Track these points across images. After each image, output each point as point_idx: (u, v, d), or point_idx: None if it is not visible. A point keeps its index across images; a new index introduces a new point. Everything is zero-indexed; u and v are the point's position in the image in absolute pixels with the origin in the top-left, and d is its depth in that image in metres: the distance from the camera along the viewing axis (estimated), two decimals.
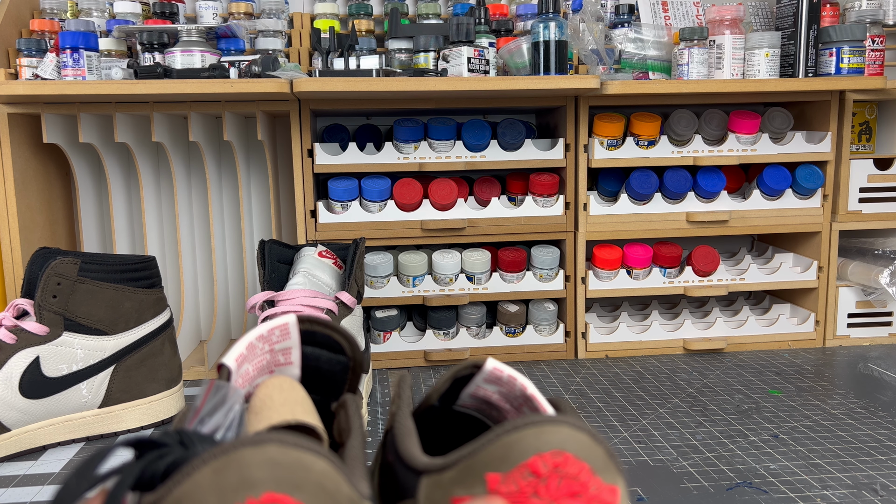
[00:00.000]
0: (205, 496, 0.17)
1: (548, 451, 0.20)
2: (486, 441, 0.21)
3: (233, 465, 0.18)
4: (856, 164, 0.75)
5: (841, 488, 0.44)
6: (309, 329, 0.27)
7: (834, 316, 0.76)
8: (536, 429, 0.21)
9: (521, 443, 0.21)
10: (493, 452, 0.21)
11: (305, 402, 0.25)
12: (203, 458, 0.18)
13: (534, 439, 0.21)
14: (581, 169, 0.72)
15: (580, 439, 0.21)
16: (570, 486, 0.20)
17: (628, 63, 0.76)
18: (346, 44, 0.68)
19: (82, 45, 0.66)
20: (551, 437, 0.21)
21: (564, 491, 0.20)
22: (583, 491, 0.20)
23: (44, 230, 0.72)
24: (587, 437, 0.21)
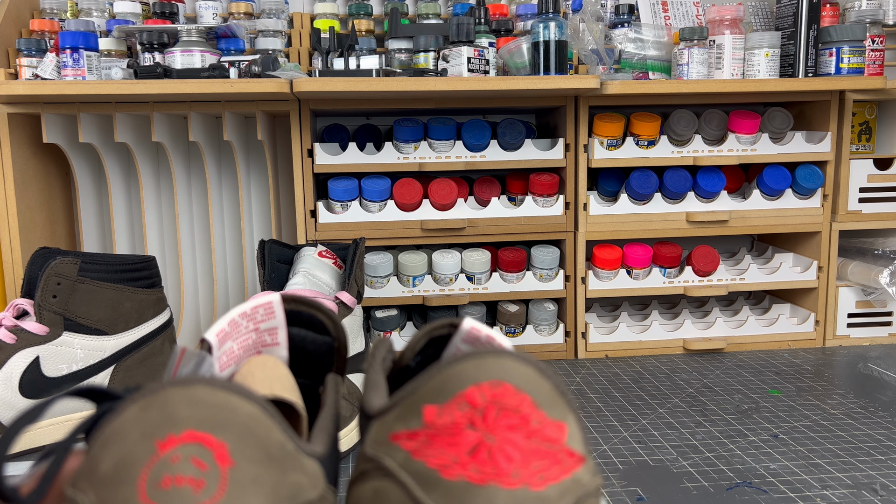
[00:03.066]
0: (129, 432, 0.18)
1: (486, 382, 0.19)
2: (428, 375, 0.20)
3: (157, 404, 0.18)
4: (856, 164, 0.75)
5: (841, 488, 0.44)
6: (294, 309, 0.27)
7: (834, 316, 0.76)
8: (476, 360, 0.20)
9: (459, 374, 0.20)
10: (432, 385, 0.20)
11: (287, 379, 0.25)
12: (133, 398, 0.18)
13: (472, 370, 0.20)
14: (581, 169, 0.72)
15: (523, 371, 0.20)
16: (508, 418, 0.19)
17: (628, 63, 0.76)
18: (346, 44, 0.68)
19: (82, 45, 0.66)
20: (491, 368, 0.20)
21: (502, 423, 0.19)
22: (523, 424, 0.19)
23: (44, 230, 0.72)
24: (531, 369, 0.20)
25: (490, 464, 0.18)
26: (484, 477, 0.18)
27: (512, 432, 0.19)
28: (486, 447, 0.18)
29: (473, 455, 0.18)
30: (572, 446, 0.19)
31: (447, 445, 0.18)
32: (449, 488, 0.18)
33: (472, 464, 0.18)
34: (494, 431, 0.19)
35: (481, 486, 0.18)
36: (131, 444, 0.17)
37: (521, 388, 0.19)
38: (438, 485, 0.18)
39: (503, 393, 0.19)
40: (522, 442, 0.18)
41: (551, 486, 0.18)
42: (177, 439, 0.17)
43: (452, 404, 0.19)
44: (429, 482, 0.18)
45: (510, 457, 0.18)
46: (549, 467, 0.18)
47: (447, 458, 0.18)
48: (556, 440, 0.19)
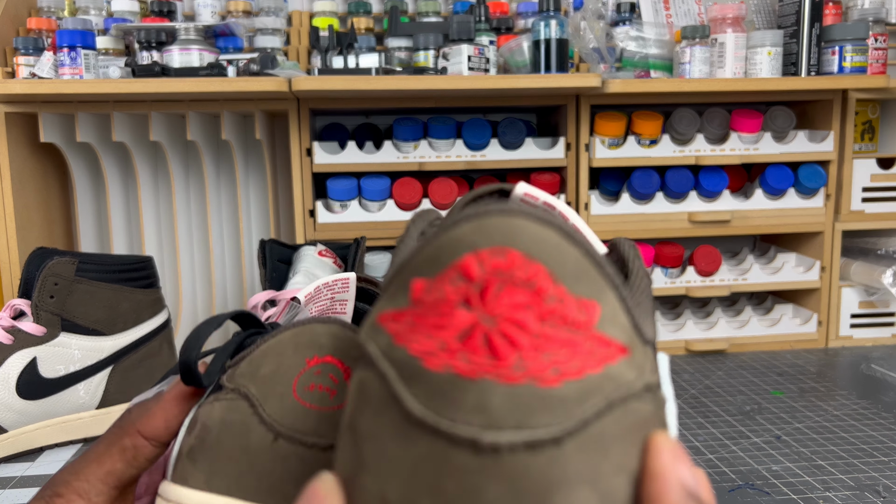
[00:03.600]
0: (285, 348, 0.23)
1: (487, 248, 0.14)
2: (423, 242, 0.16)
3: (307, 332, 0.24)
4: (859, 164, 0.74)
5: (843, 490, 0.43)
6: (363, 287, 0.32)
7: (837, 316, 0.75)
8: (476, 221, 0.15)
9: (454, 240, 0.15)
10: (425, 254, 0.15)
11: None
12: (286, 327, 0.24)
13: (471, 234, 0.15)
14: (582, 168, 0.71)
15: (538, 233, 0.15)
16: (514, 294, 0.14)
17: (630, 61, 0.75)
18: (346, 42, 0.68)
19: (80, 43, 0.66)
20: (494, 231, 0.15)
21: (505, 301, 0.14)
22: (534, 302, 0.14)
23: (41, 230, 0.71)
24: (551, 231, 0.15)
25: (485, 352, 0.14)
26: (476, 368, 0.14)
27: (518, 312, 0.14)
28: (481, 331, 0.14)
29: (465, 340, 0.14)
30: (607, 332, 0.15)
31: (434, 328, 0.14)
32: (431, 381, 0.14)
33: (463, 351, 0.14)
34: (494, 311, 0.14)
35: (472, 380, 0.14)
36: (288, 357, 0.23)
37: (535, 257, 0.14)
38: (420, 377, 0.14)
39: (510, 262, 0.14)
40: (532, 324, 0.14)
41: (569, 383, 0.14)
42: (320, 359, 0.23)
43: (444, 277, 0.15)
44: (409, 373, 0.14)
45: (515, 342, 0.14)
46: (568, 358, 0.14)
47: (433, 344, 0.14)
48: (583, 324, 0.14)
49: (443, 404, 0.14)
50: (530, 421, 0.13)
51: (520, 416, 0.13)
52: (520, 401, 0.13)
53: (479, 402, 0.13)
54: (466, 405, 0.13)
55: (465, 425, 0.13)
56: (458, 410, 0.14)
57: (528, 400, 0.13)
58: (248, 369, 0.23)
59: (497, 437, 0.13)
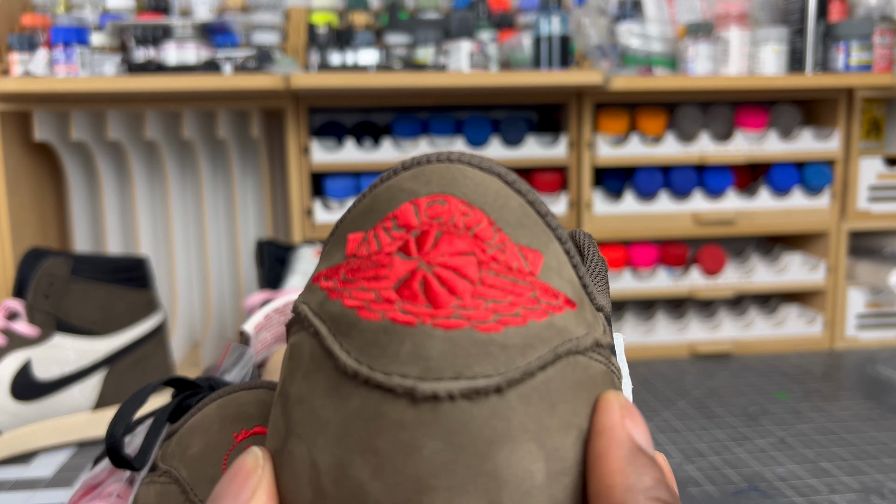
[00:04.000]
0: (212, 424, 0.22)
1: (426, 196, 0.14)
2: (360, 197, 0.15)
3: (233, 403, 0.22)
4: (865, 163, 0.73)
5: (848, 493, 0.43)
6: None
7: (843, 317, 0.75)
8: (415, 170, 0.14)
9: (391, 189, 0.14)
10: (361, 206, 0.15)
11: None
12: (211, 397, 0.22)
13: (410, 181, 0.14)
14: (585, 167, 0.70)
15: (481, 180, 0.14)
16: (454, 242, 0.13)
17: (633, 58, 0.74)
18: (344, 38, 0.67)
19: (74, 40, 0.65)
20: (435, 177, 0.14)
21: (444, 248, 0.13)
22: (475, 247, 0.13)
23: (35, 230, 0.70)
24: (494, 178, 0.14)
25: (423, 299, 0.13)
26: (413, 316, 0.13)
27: (458, 258, 0.13)
28: (419, 277, 0.13)
29: (403, 289, 0.13)
30: (552, 283, 0.14)
31: (370, 280, 0.14)
32: (366, 331, 0.13)
33: (400, 300, 0.13)
34: (433, 258, 0.13)
35: (408, 327, 0.13)
36: (215, 433, 0.22)
37: (476, 203, 0.14)
38: (355, 327, 0.13)
39: (449, 209, 0.14)
40: (473, 271, 0.13)
41: (511, 330, 0.13)
42: (248, 432, 0.22)
43: (380, 227, 0.14)
44: (344, 326, 0.13)
45: (454, 288, 0.13)
46: (511, 306, 0.13)
47: (369, 295, 0.13)
48: (526, 273, 0.13)
49: (378, 355, 0.13)
50: (471, 369, 0.12)
51: (459, 365, 0.12)
52: (459, 348, 0.13)
53: (415, 350, 0.13)
54: (402, 355, 0.13)
55: (400, 377, 0.12)
56: (394, 361, 0.13)
57: (468, 347, 0.13)
58: (177, 449, 0.22)
59: (435, 387, 0.12)
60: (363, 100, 0.69)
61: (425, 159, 0.14)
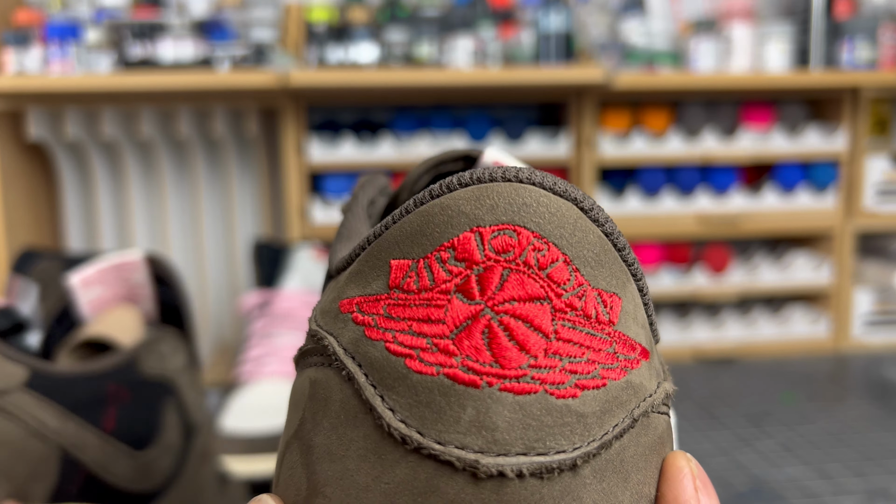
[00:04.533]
0: None
1: (491, 225, 0.12)
2: (402, 210, 0.12)
3: None
4: (871, 162, 0.72)
5: (854, 496, 0.42)
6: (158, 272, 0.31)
7: (849, 319, 0.74)
8: (478, 189, 0.12)
9: (447, 211, 0.12)
10: (405, 227, 0.12)
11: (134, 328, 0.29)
12: None
13: (471, 204, 0.12)
14: (587, 165, 0.70)
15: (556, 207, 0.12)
16: (524, 284, 0.11)
17: (636, 55, 0.73)
18: (342, 34, 0.66)
19: (69, 37, 0.64)
20: (501, 201, 0.12)
21: (513, 291, 0.11)
22: (550, 293, 0.12)
23: (29, 230, 0.70)
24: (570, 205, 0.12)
25: (489, 353, 0.11)
26: (477, 375, 0.11)
27: (529, 305, 0.11)
28: (482, 326, 0.11)
29: (462, 339, 0.11)
30: (629, 332, 0.12)
31: (421, 322, 0.12)
32: (417, 389, 0.11)
33: (460, 351, 0.11)
34: (500, 304, 0.11)
35: (471, 389, 0.11)
36: None
37: (551, 237, 0.12)
38: (402, 381, 0.11)
39: (520, 243, 0.12)
40: (546, 322, 0.11)
41: (589, 394, 0.11)
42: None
43: (433, 258, 0.12)
44: (388, 376, 0.12)
45: (524, 343, 0.11)
46: (588, 364, 0.12)
47: (420, 342, 0.12)
48: (605, 322, 0.12)
49: (432, 420, 0.11)
50: (543, 443, 0.11)
51: (531, 437, 0.11)
52: (531, 417, 0.11)
53: (479, 418, 0.11)
54: (463, 422, 0.11)
55: (459, 448, 0.11)
56: (452, 429, 0.11)
57: (540, 416, 0.11)
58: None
59: (501, 463, 0.11)
60: (361, 97, 0.68)
61: (487, 175, 0.12)
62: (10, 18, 0.72)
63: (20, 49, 0.67)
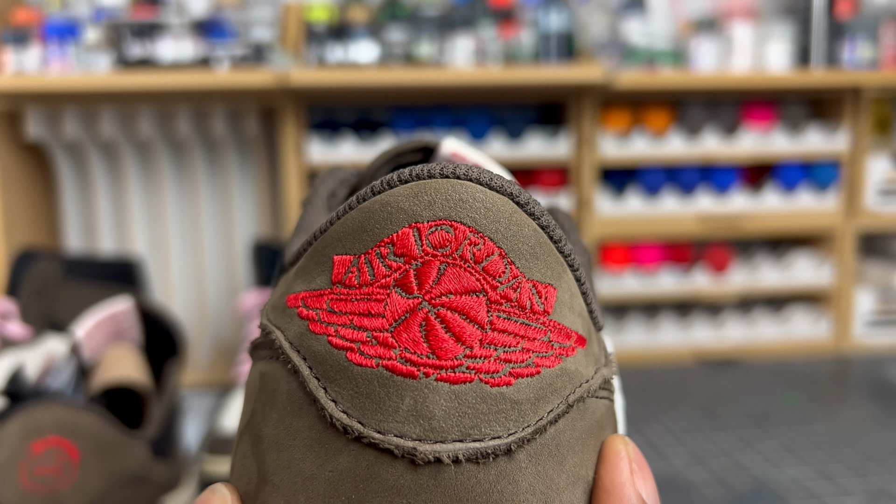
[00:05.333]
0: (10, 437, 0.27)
1: (428, 221, 0.12)
2: (345, 207, 0.13)
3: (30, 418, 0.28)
4: (873, 162, 0.72)
5: (857, 496, 0.42)
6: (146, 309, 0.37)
7: (850, 319, 0.73)
8: (415, 186, 0.12)
9: (387, 207, 0.12)
10: (348, 224, 0.13)
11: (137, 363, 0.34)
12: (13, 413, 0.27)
13: (410, 200, 0.12)
14: (587, 165, 0.69)
15: (491, 202, 0.12)
16: (461, 277, 0.12)
17: (637, 54, 0.73)
18: (342, 34, 0.66)
19: (68, 36, 0.64)
20: (438, 197, 0.12)
21: (450, 284, 0.12)
22: (485, 285, 0.12)
23: (28, 230, 0.70)
24: (506, 199, 0.12)
25: (426, 345, 0.12)
26: (414, 367, 0.12)
27: (465, 298, 0.12)
28: (420, 319, 0.12)
29: (400, 331, 0.12)
30: (565, 321, 0.13)
31: (362, 315, 0.12)
32: (358, 379, 0.12)
33: (398, 344, 0.12)
34: (437, 297, 0.12)
35: (409, 380, 0.11)
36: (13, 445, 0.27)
37: (486, 231, 0.12)
38: (344, 373, 0.12)
39: (456, 238, 0.12)
40: (481, 313, 0.12)
41: (523, 382, 0.12)
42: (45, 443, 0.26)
43: (373, 254, 0.12)
44: (330, 369, 0.12)
45: (460, 334, 0.12)
46: (523, 353, 0.12)
47: (360, 335, 0.12)
48: (539, 312, 0.12)
49: (372, 410, 0.12)
50: (479, 430, 0.11)
51: (466, 425, 0.11)
52: (466, 406, 0.12)
53: (417, 407, 0.11)
54: (401, 412, 0.11)
55: (398, 437, 0.11)
56: (391, 418, 0.11)
57: (475, 404, 0.12)
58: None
59: (438, 450, 0.11)
60: (361, 97, 0.68)
61: (426, 172, 0.12)
62: (8, 18, 0.72)
63: (19, 48, 0.67)
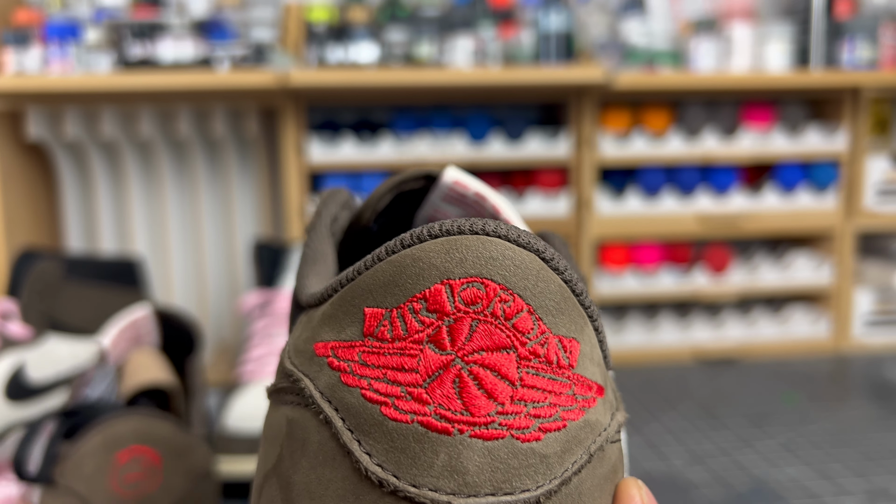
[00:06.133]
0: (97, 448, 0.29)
1: (461, 279, 0.12)
2: (372, 258, 0.13)
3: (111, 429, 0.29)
4: (872, 162, 0.72)
5: (856, 496, 0.42)
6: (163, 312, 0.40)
7: (849, 319, 0.74)
8: (447, 241, 0.13)
9: (418, 262, 0.13)
10: (378, 276, 0.13)
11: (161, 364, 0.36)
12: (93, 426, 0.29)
13: (441, 257, 0.13)
14: (587, 165, 0.70)
15: (519, 260, 0.13)
16: (491, 333, 0.12)
17: (636, 55, 0.73)
18: (342, 34, 0.66)
19: (69, 37, 0.64)
20: (469, 254, 0.12)
21: (482, 341, 0.12)
22: (515, 342, 0.12)
23: (29, 230, 0.70)
24: (533, 257, 0.13)
25: (459, 401, 0.12)
26: (448, 423, 0.12)
27: (496, 355, 0.12)
28: (453, 375, 0.12)
29: (434, 388, 0.12)
30: (586, 373, 0.13)
31: (396, 370, 0.12)
32: (393, 434, 0.12)
33: (433, 400, 0.12)
34: (469, 353, 0.12)
35: (443, 436, 0.12)
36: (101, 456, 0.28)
37: (516, 289, 0.13)
38: (378, 427, 0.12)
39: (487, 295, 0.12)
40: (511, 369, 0.12)
41: (551, 436, 0.12)
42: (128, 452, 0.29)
43: (406, 309, 0.13)
44: (364, 422, 0.12)
45: (492, 391, 0.12)
46: (550, 408, 0.13)
47: (394, 390, 0.12)
48: (565, 367, 0.13)
49: (407, 464, 0.12)
50: (510, 484, 0.12)
51: (499, 479, 0.12)
52: (498, 461, 0.12)
53: (451, 462, 0.12)
54: (436, 467, 0.12)
55: (433, 491, 0.12)
56: (426, 472, 0.12)
57: (507, 460, 0.12)
58: (74, 470, 0.28)
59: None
60: (361, 97, 0.68)
61: (456, 228, 0.13)
62: (9, 18, 0.72)
63: (19, 49, 0.67)
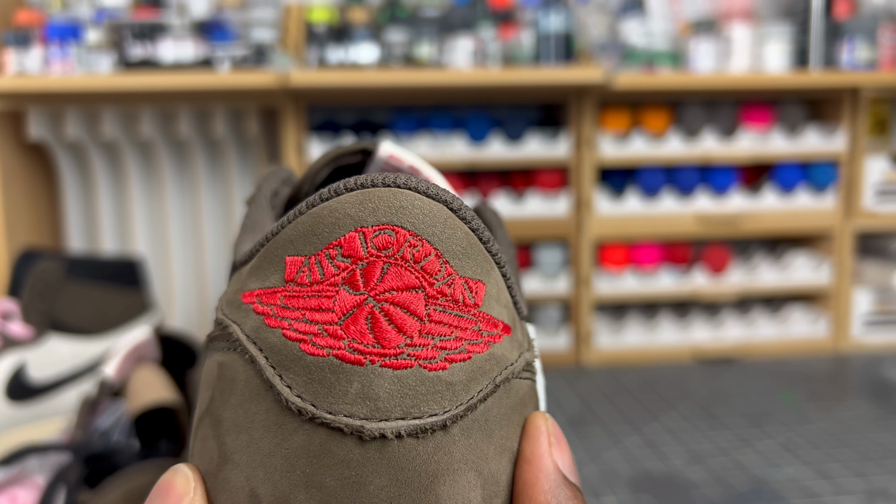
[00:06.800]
0: None
1: (373, 225, 0.14)
2: (294, 213, 0.14)
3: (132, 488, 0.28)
4: (871, 162, 0.72)
5: (854, 495, 0.42)
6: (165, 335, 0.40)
7: (848, 318, 0.74)
8: (361, 194, 0.14)
9: (334, 213, 0.14)
10: (298, 228, 0.14)
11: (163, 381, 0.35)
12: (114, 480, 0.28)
13: (355, 207, 0.14)
14: (587, 165, 0.70)
15: (428, 209, 0.14)
16: (402, 275, 0.14)
17: (636, 55, 0.73)
18: (342, 35, 0.66)
19: (69, 37, 0.64)
20: (381, 205, 0.14)
21: (393, 282, 0.13)
22: (423, 282, 0.14)
23: (30, 229, 0.70)
24: (441, 206, 0.14)
25: (371, 335, 0.13)
26: (361, 355, 0.13)
27: (405, 293, 0.14)
28: (366, 313, 0.13)
29: (348, 324, 0.13)
30: (492, 312, 0.14)
31: (313, 311, 0.14)
32: (311, 367, 0.13)
33: (346, 335, 0.13)
34: (380, 293, 0.13)
35: (356, 367, 0.13)
36: None
37: (424, 234, 0.14)
38: (297, 362, 0.13)
39: (397, 241, 0.14)
40: (420, 306, 0.14)
41: (456, 366, 0.14)
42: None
43: (323, 255, 0.14)
44: (285, 358, 0.14)
45: (401, 326, 0.13)
46: (456, 341, 0.14)
47: (312, 328, 0.14)
48: (470, 305, 0.14)
49: (323, 394, 0.13)
50: (418, 408, 0.13)
51: (407, 405, 0.13)
52: (407, 388, 0.13)
53: (364, 390, 0.13)
54: (350, 395, 0.13)
55: (348, 417, 0.13)
56: (341, 400, 0.13)
57: (415, 387, 0.13)
58: None
59: (383, 427, 0.13)
60: (361, 97, 0.68)
61: (370, 182, 0.14)
62: (10, 19, 0.72)
63: (21, 49, 0.67)
